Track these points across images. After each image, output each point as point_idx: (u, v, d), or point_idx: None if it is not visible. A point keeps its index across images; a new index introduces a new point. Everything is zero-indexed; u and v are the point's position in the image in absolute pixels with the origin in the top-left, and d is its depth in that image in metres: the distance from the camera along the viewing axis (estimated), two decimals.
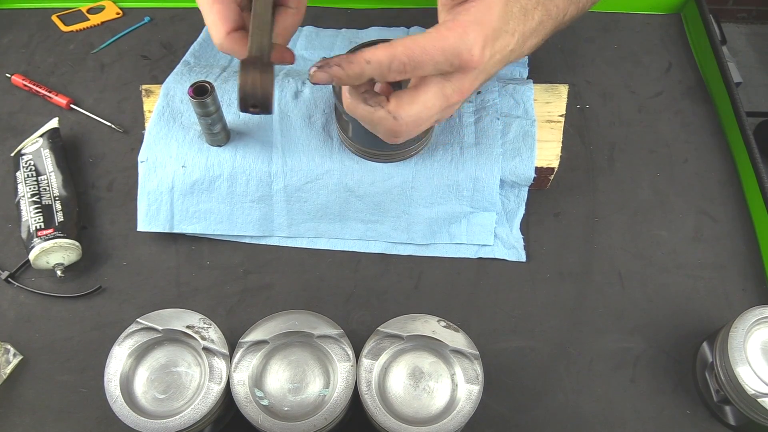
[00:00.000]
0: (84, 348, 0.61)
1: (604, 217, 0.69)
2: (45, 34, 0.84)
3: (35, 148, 0.68)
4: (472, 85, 0.49)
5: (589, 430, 0.57)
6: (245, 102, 0.49)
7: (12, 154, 0.70)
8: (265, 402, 0.50)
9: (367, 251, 0.67)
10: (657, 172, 0.72)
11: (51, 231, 0.62)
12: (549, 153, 0.66)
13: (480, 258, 0.66)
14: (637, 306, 0.64)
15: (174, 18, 0.85)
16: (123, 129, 0.74)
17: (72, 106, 0.76)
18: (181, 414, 0.49)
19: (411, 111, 0.48)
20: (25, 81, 0.77)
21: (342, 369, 0.51)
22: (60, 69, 0.80)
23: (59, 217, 0.64)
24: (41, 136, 0.69)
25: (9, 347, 0.59)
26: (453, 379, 0.52)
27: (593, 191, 0.71)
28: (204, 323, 0.53)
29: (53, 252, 0.62)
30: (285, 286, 0.65)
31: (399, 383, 0.52)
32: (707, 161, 0.73)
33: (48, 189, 0.65)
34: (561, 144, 0.67)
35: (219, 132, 0.63)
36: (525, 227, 0.68)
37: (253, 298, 0.64)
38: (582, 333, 0.62)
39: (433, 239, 0.66)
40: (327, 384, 0.52)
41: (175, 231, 0.65)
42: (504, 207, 0.67)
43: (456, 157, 0.64)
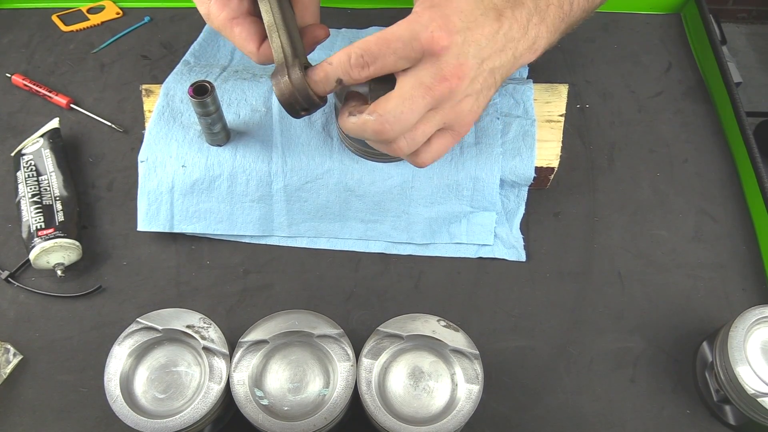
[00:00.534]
0: (84, 348, 0.61)
1: (604, 217, 0.69)
2: (45, 33, 0.84)
3: (36, 148, 0.68)
4: (458, 71, 0.46)
5: (589, 429, 0.57)
6: (293, 111, 0.50)
7: (12, 153, 0.70)
8: (265, 402, 0.50)
9: (367, 251, 0.67)
10: (657, 172, 0.72)
11: (51, 231, 0.62)
12: (549, 153, 0.66)
13: (480, 258, 0.66)
14: (637, 306, 0.64)
15: (174, 18, 0.85)
16: (123, 129, 0.74)
17: (72, 105, 0.76)
18: (181, 414, 0.49)
19: (389, 106, 0.47)
20: (26, 81, 0.77)
21: (342, 369, 0.51)
22: (60, 69, 0.80)
23: (60, 217, 0.64)
24: (42, 136, 0.69)
25: (9, 347, 0.59)
26: (453, 379, 0.52)
27: (593, 191, 0.71)
28: (204, 323, 0.53)
29: (54, 252, 0.62)
30: (285, 285, 0.65)
31: (399, 383, 0.52)
32: (707, 161, 0.73)
33: (48, 189, 0.65)
34: (561, 144, 0.67)
35: (219, 132, 0.63)
36: (525, 227, 0.68)
37: (253, 297, 0.64)
38: (582, 333, 0.62)
39: (433, 239, 0.66)
40: (327, 384, 0.52)
41: (175, 231, 0.66)
42: (504, 207, 0.68)
43: (456, 157, 0.64)
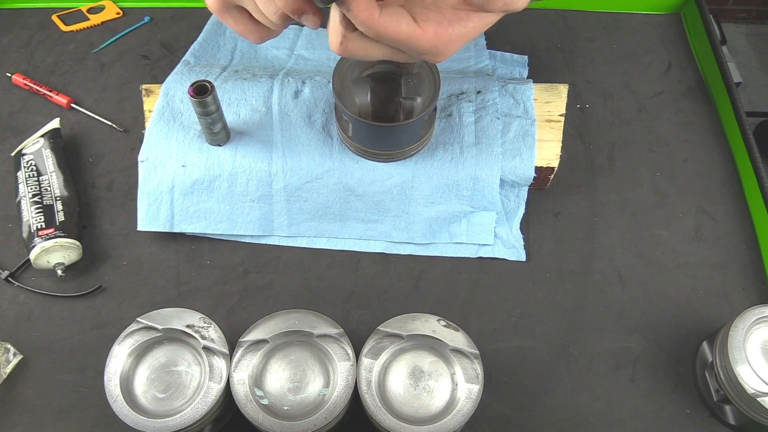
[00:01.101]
0: (84, 347, 0.61)
1: (604, 217, 0.69)
2: (45, 33, 0.84)
3: (36, 148, 0.68)
4: None
5: (589, 429, 0.57)
6: None
7: (12, 153, 0.70)
8: (265, 401, 0.50)
9: (367, 251, 0.67)
10: (657, 172, 0.72)
11: (52, 230, 0.62)
12: (549, 153, 0.66)
13: (480, 257, 0.66)
14: (637, 306, 0.64)
15: (174, 18, 0.85)
16: (123, 128, 0.74)
17: (72, 105, 0.76)
18: (181, 413, 0.49)
19: None
20: (26, 80, 0.77)
21: (342, 368, 0.51)
22: (60, 68, 0.80)
23: (60, 217, 0.64)
24: (42, 136, 0.69)
25: (9, 347, 0.59)
26: (453, 379, 0.52)
27: (593, 191, 0.71)
28: (204, 322, 0.53)
29: (54, 251, 0.62)
30: (285, 285, 0.65)
31: (399, 382, 0.52)
32: (707, 161, 0.73)
33: (49, 189, 0.65)
34: (561, 144, 0.67)
35: (219, 131, 0.63)
36: (525, 227, 0.68)
37: (253, 297, 0.64)
38: (582, 333, 0.62)
39: (433, 239, 0.66)
40: (327, 383, 0.52)
41: (175, 230, 0.66)
42: (504, 206, 0.68)
43: (456, 157, 0.64)
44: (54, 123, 0.71)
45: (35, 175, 0.66)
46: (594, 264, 0.66)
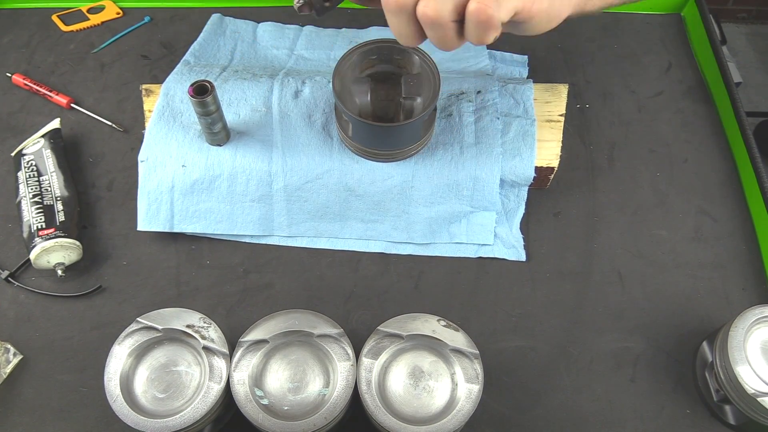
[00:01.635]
0: (84, 347, 0.61)
1: (604, 217, 0.69)
2: (45, 33, 0.84)
3: (37, 148, 0.68)
4: None
5: (589, 429, 0.57)
6: (320, 6, 0.50)
7: (13, 154, 0.70)
8: (265, 401, 0.50)
9: (367, 251, 0.67)
10: (657, 171, 0.72)
11: (52, 230, 0.62)
12: (549, 152, 0.66)
13: (480, 257, 0.66)
14: (637, 306, 0.64)
15: (174, 18, 0.85)
16: (123, 128, 0.74)
17: (72, 105, 0.76)
18: (181, 413, 0.49)
19: None
20: (26, 80, 0.77)
21: (342, 368, 0.51)
22: (60, 68, 0.80)
23: (60, 217, 0.64)
24: (43, 136, 0.69)
25: (9, 347, 0.59)
26: (453, 379, 0.52)
27: (593, 191, 0.71)
28: (204, 322, 0.53)
29: (54, 251, 0.62)
30: (285, 285, 0.65)
31: (399, 382, 0.52)
32: (707, 161, 0.73)
33: (49, 189, 0.65)
34: (561, 144, 0.67)
35: (219, 131, 0.63)
36: (525, 227, 0.68)
37: (253, 297, 0.64)
38: (582, 333, 0.62)
39: (433, 239, 0.66)
40: (327, 383, 0.52)
41: (175, 230, 0.66)
42: (504, 206, 0.68)
43: (456, 157, 0.64)
44: (54, 123, 0.71)
45: (36, 176, 0.66)
46: (594, 264, 0.66)
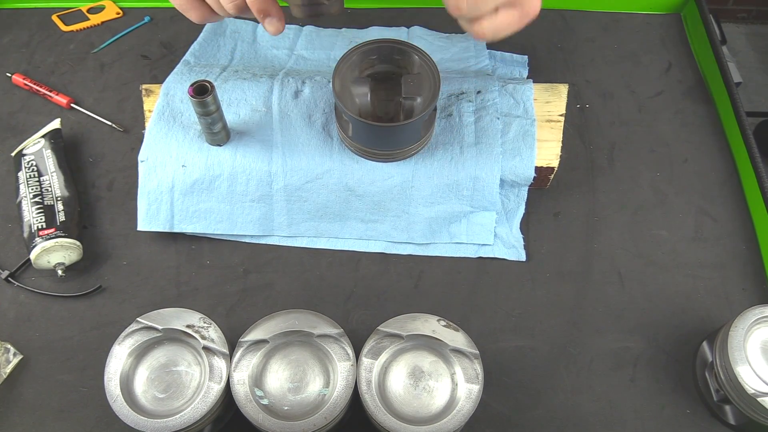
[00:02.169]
0: (84, 347, 0.61)
1: (604, 217, 0.69)
2: (45, 33, 0.84)
3: (37, 148, 0.68)
4: None
5: (589, 429, 0.57)
6: (316, 8, 0.49)
7: (13, 154, 0.70)
8: (265, 401, 0.50)
9: (367, 251, 0.67)
10: (657, 171, 0.72)
11: (52, 230, 0.62)
12: (549, 152, 0.66)
13: (480, 257, 0.66)
14: (637, 306, 0.64)
15: (174, 18, 0.85)
16: (123, 128, 0.74)
17: (72, 105, 0.76)
18: (181, 413, 0.49)
19: None
20: (26, 80, 0.77)
21: (342, 368, 0.51)
22: (60, 68, 0.80)
23: (61, 217, 0.64)
24: (43, 136, 0.69)
25: (9, 347, 0.59)
26: (453, 379, 0.52)
27: (593, 191, 0.71)
28: (204, 322, 0.53)
29: (54, 251, 0.62)
30: (285, 285, 0.65)
31: (399, 382, 0.52)
32: (707, 161, 0.73)
33: (50, 189, 0.65)
34: (561, 144, 0.67)
35: (219, 131, 0.63)
36: (525, 227, 0.68)
37: (253, 297, 0.64)
38: (582, 333, 0.62)
39: (433, 239, 0.66)
40: (327, 383, 0.52)
41: (175, 230, 0.66)
42: (504, 206, 0.68)
43: (456, 157, 0.64)
44: (55, 123, 0.71)
45: (36, 176, 0.66)
46: (594, 264, 0.66)
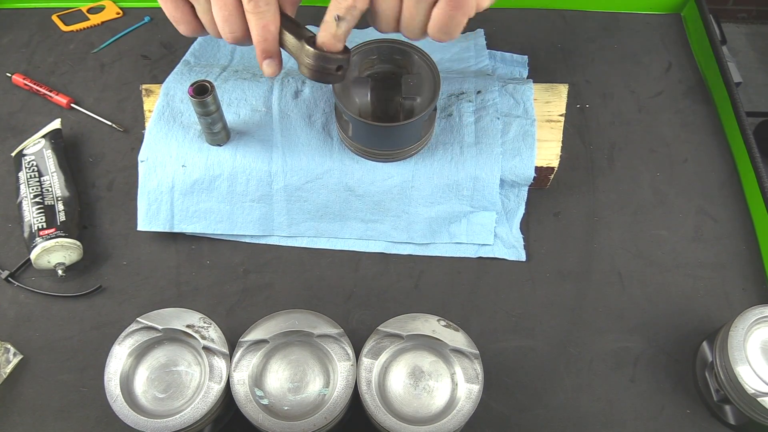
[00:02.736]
0: (84, 347, 0.61)
1: (604, 217, 0.69)
2: (45, 33, 0.84)
3: (37, 148, 0.68)
4: None
5: (589, 429, 0.57)
6: (329, 76, 0.51)
7: (13, 154, 0.70)
8: (265, 401, 0.50)
9: (367, 251, 0.67)
10: (657, 172, 0.72)
11: (53, 230, 0.62)
12: (549, 152, 0.66)
13: (480, 257, 0.66)
14: (637, 306, 0.64)
15: None
16: (123, 128, 0.74)
17: (72, 105, 0.76)
18: (181, 413, 0.49)
19: None
20: (26, 80, 0.77)
21: (342, 368, 0.51)
22: (60, 69, 0.80)
23: (61, 217, 0.64)
24: (44, 136, 0.69)
25: (9, 347, 0.59)
26: (453, 379, 0.52)
27: (593, 191, 0.71)
28: (204, 322, 0.53)
29: (55, 251, 0.62)
30: (285, 285, 0.65)
31: (399, 382, 0.52)
32: (707, 161, 0.73)
33: (50, 189, 0.65)
34: (561, 144, 0.67)
35: (219, 131, 0.63)
36: (525, 227, 0.68)
37: (253, 297, 0.64)
38: (582, 333, 0.62)
39: (433, 239, 0.66)
40: (327, 383, 0.52)
41: (175, 230, 0.66)
42: (504, 206, 0.68)
43: (456, 157, 0.64)
44: (55, 123, 0.71)
45: (37, 176, 0.66)
46: (594, 264, 0.66)
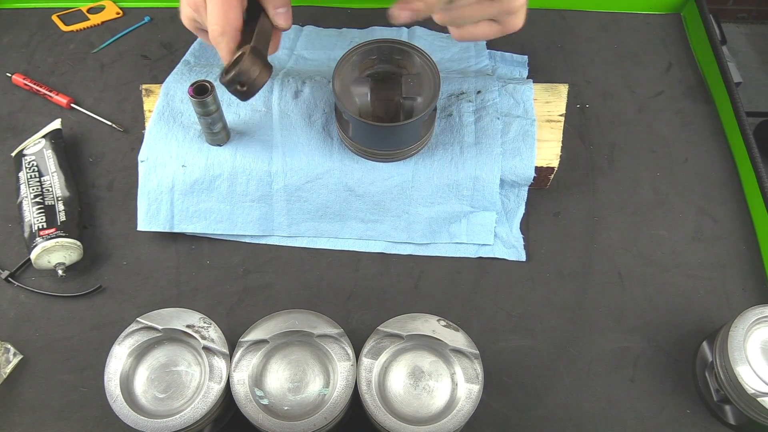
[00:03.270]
0: (84, 347, 0.61)
1: (604, 217, 0.69)
2: (45, 33, 0.84)
3: (38, 148, 0.68)
4: None
5: (589, 429, 0.57)
6: (238, 78, 0.52)
7: (13, 154, 0.70)
8: (265, 401, 0.50)
9: (367, 251, 0.67)
10: (657, 172, 0.72)
11: (53, 230, 0.62)
12: (549, 152, 0.66)
13: (480, 257, 0.66)
14: (637, 306, 0.64)
15: (174, 18, 0.85)
16: (123, 128, 0.74)
17: (72, 105, 0.76)
18: (181, 413, 0.49)
19: None
20: (26, 80, 0.77)
21: (342, 368, 0.51)
22: (60, 69, 0.80)
23: (61, 217, 0.64)
24: (44, 137, 0.69)
25: (9, 347, 0.59)
26: (453, 379, 0.52)
27: (593, 191, 0.71)
28: (204, 322, 0.53)
29: (55, 251, 0.62)
30: (285, 285, 0.65)
31: (399, 382, 0.52)
32: (707, 161, 0.73)
33: (51, 190, 0.65)
34: (561, 144, 0.67)
35: (219, 131, 0.63)
36: (525, 227, 0.68)
37: (253, 297, 0.64)
38: (582, 333, 0.62)
39: (433, 239, 0.66)
40: (327, 383, 0.52)
41: (175, 230, 0.66)
42: (504, 206, 0.68)
43: (456, 157, 0.64)
44: (55, 123, 0.71)
45: (37, 176, 0.66)
46: (594, 264, 0.66)
